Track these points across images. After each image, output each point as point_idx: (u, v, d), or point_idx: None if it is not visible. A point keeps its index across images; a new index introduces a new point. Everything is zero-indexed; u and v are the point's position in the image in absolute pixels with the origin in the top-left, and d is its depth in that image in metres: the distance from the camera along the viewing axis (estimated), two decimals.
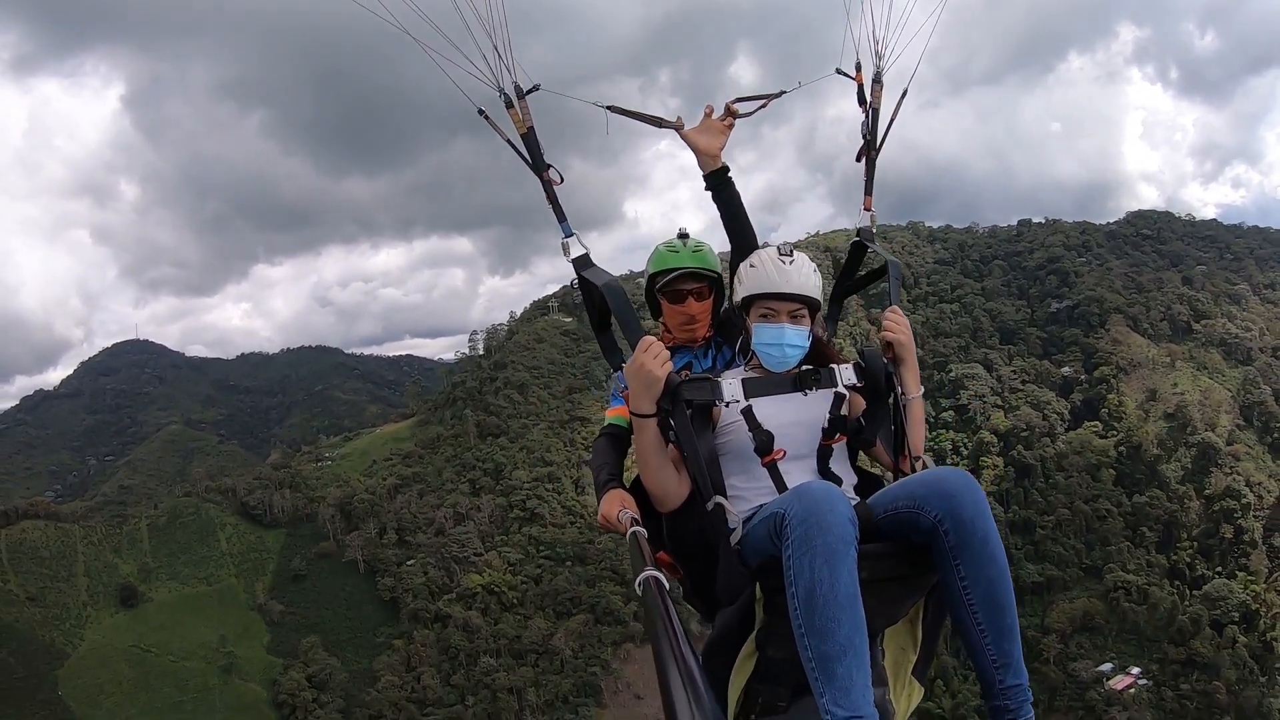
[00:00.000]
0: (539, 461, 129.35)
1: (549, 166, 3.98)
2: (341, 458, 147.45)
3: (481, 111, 3.93)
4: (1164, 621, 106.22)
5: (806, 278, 3.76)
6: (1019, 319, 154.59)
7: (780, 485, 3.55)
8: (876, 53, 4.39)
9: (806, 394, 3.72)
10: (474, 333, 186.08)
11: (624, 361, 3.82)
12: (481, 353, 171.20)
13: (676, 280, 4.28)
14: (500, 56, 3.77)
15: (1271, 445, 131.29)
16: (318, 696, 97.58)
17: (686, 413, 3.53)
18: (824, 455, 3.67)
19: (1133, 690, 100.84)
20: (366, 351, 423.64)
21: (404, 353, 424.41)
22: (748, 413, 3.64)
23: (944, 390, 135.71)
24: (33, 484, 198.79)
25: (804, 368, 3.78)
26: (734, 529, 3.37)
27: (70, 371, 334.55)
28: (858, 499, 3.44)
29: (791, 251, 3.81)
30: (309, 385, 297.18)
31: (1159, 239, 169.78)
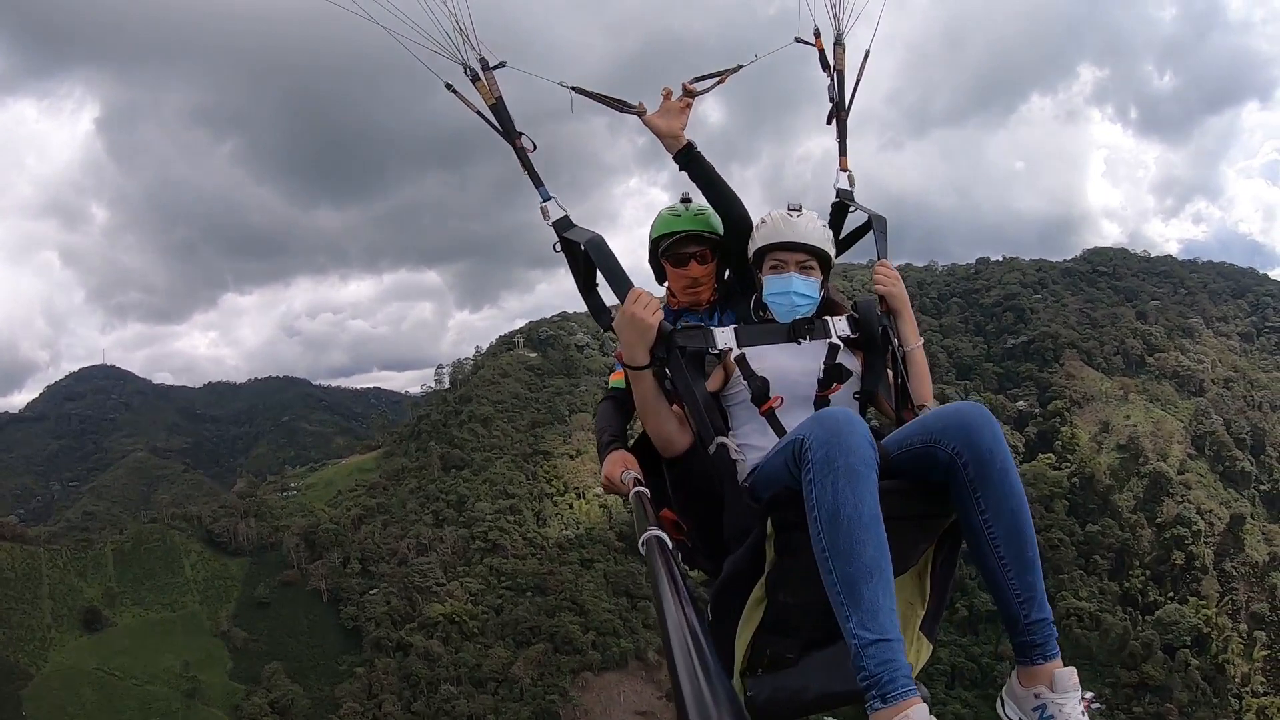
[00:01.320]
0: (501, 494, 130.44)
1: (521, 134, 4.04)
2: (307, 488, 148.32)
3: (449, 86, 4.02)
4: (1116, 646, 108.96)
5: (814, 229, 3.91)
6: (975, 355, 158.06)
7: (778, 428, 3.61)
8: (834, 15, 4.50)
9: (800, 343, 3.79)
10: (440, 366, 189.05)
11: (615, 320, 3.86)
12: (447, 386, 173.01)
13: (679, 243, 4.41)
14: (463, 33, 3.85)
15: (1223, 474, 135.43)
16: None
17: (681, 360, 3.60)
18: (821, 405, 3.69)
19: (1086, 714, 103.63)
20: (334, 383, 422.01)
21: (372, 385, 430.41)
22: (741, 360, 3.72)
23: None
24: None
25: (797, 319, 3.87)
26: (740, 462, 3.40)
27: (35, 395, 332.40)
28: None
29: (799, 207, 3.96)
30: (276, 415, 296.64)
31: (1115, 275, 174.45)
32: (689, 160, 4.39)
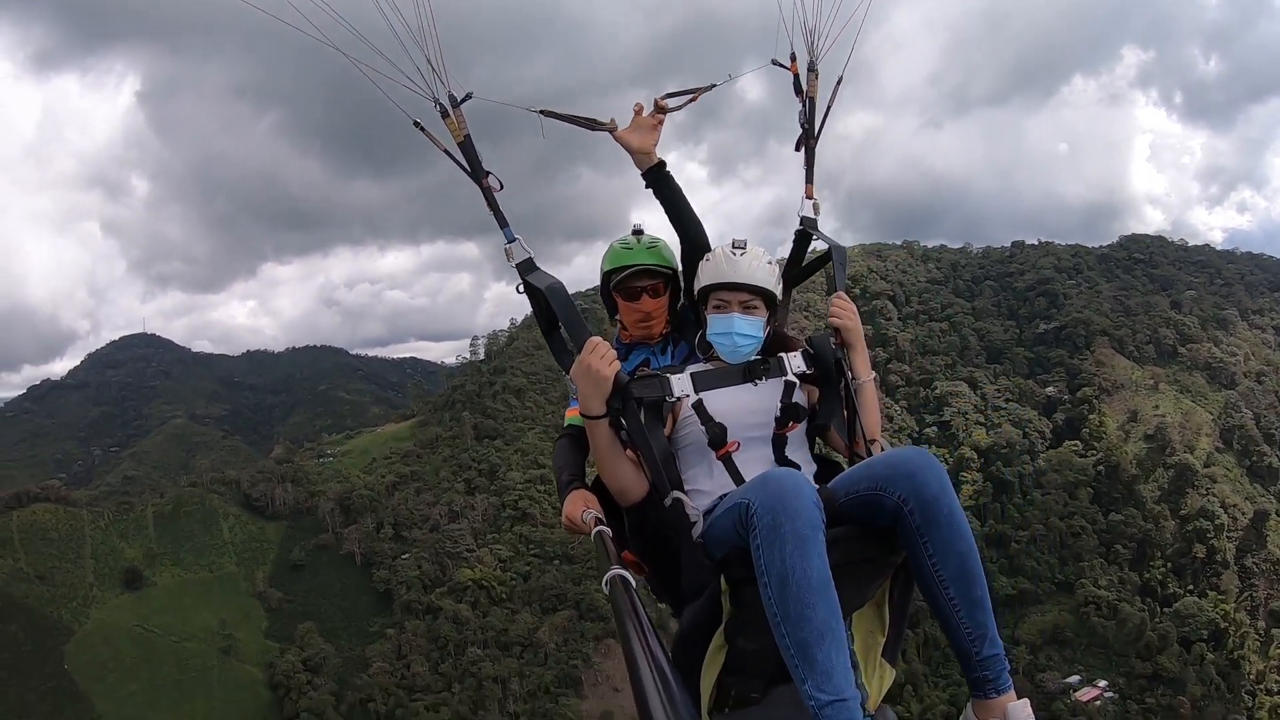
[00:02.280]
0: (532, 464, 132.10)
1: (488, 174, 3.99)
2: (342, 455, 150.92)
3: (417, 123, 3.93)
4: (1132, 637, 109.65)
5: (757, 268, 3.84)
6: (1007, 339, 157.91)
7: (737, 477, 3.59)
8: (810, 41, 4.46)
9: (757, 384, 3.78)
10: (475, 338, 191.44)
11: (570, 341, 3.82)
12: (482, 358, 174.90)
13: (630, 277, 4.34)
14: (433, 67, 3.77)
15: (1250, 469, 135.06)
16: (311, 679, 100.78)
17: (638, 411, 3.57)
18: (779, 444, 3.72)
19: (1099, 702, 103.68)
20: (371, 353, 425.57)
21: (408, 355, 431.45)
22: (699, 406, 3.70)
23: (928, 406, 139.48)
24: (37, 472, 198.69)
25: (752, 359, 3.85)
26: (695, 523, 3.41)
27: (77, 363, 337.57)
28: (817, 486, 3.40)
29: (744, 244, 3.90)
30: (313, 384, 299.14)
31: (1151, 263, 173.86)
32: (658, 179, 4.49)
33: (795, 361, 3.86)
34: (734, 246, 3.91)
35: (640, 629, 2.50)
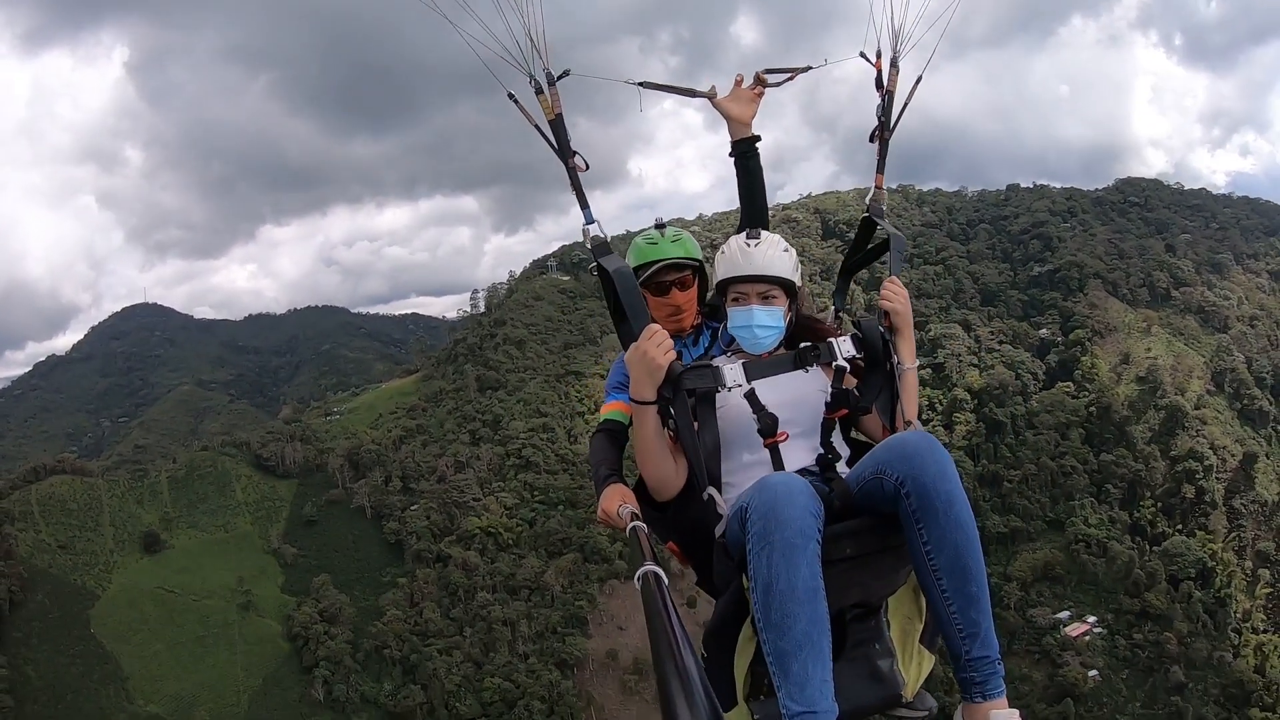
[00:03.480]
0: (535, 413, 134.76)
1: (575, 154, 3.95)
2: (349, 412, 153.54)
3: (512, 96, 3.94)
4: (1121, 574, 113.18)
5: (772, 258, 3.84)
6: (1001, 282, 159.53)
7: (779, 466, 3.61)
8: (894, 38, 4.42)
9: (808, 370, 3.78)
10: (475, 291, 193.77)
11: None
12: (482, 310, 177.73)
13: (658, 273, 4.34)
14: (533, 42, 3.76)
15: (1241, 412, 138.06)
16: (328, 629, 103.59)
17: (688, 401, 3.57)
18: (827, 428, 3.70)
19: (1087, 637, 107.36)
20: (373, 310, 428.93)
21: (410, 311, 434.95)
22: (751, 396, 3.69)
23: (922, 349, 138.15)
24: (49, 446, 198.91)
25: (803, 345, 3.83)
26: (722, 520, 3.40)
27: (81, 336, 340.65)
28: (832, 476, 3.56)
29: (759, 234, 3.91)
30: (316, 344, 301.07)
31: (1146, 206, 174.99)
32: (747, 153, 4.54)
33: (845, 346, 3.83)
34: (748, 237, 3.91)
35: (670, 628, 2.49)
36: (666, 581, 2.85)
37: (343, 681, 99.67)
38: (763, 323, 3.83)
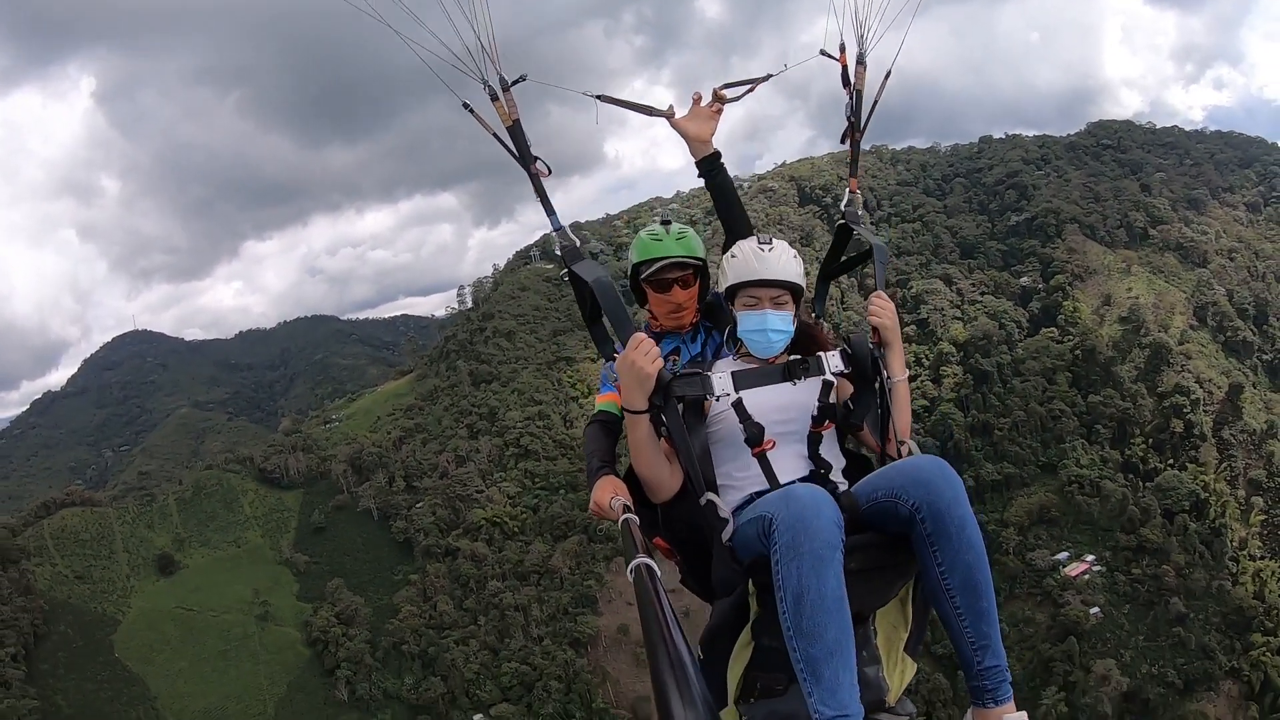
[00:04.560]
0: (529, 402, 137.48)
1: (536, 159, 4.02)
2: (348, 418, 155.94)
3: (466, 105, 3.97)
4: (1116, 512, 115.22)
5: (786, 264, 3.92)
6: (979, 234, 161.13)
7: (769, 474, 3.72)
8: (859, 34, 4.48)
9: (795, 383, 3.85)
10: (461, 287, 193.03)
11: (616, 352, 3.96)
12: (470, 305, 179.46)
13: (661, 269, 4.38)
14: (484, 48, 3.78)
15: (1225, 344, 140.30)
16: (346, 631, 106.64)
17: (678, 408, 3.66)
18: (814, 441, 3.81)
19: (1087, 576, 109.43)
20: (362, 316, 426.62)
21: (399, 313, 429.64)
22: (738, 405, 3.78)
23: (905, 306, 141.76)
24: (54, 483, 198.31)
25: (792, 357, 3.92)
26: (726, 525, 3.53)
27: (74, 370, 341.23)
28: (846, 484, 3.72)
29: (771, 240, 3.97)
30: (309, 355, 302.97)
31: (1119, 148, 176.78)
32: (713, 170, 4.62)
33: (833, 361, 3.91)
34: (760, 242, 3.98)
35: (663, 619, 2.51)
36: (660, 574, 2.90)
37: (365, 680, 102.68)
38: (776, 327, 3.91)
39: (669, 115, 4.58)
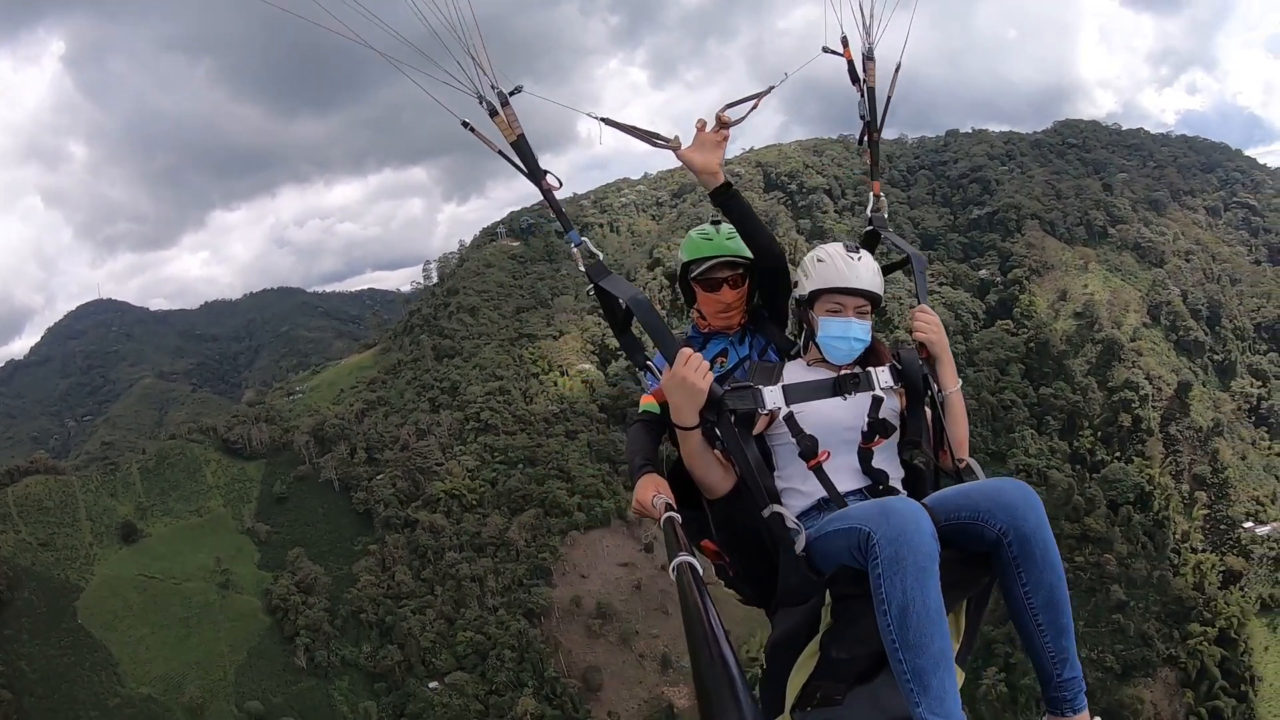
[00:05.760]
0: (491, 377, 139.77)
1: (546, 173, 3.95)
2: (311, 390, 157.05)
3: (466, 124, 3.89)
4: (1061, 501, 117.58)
5: (874, 274, 4.01)
6: (941, 225, 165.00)
7: (827, 484, 3.79)
8: (864, 26, 4.43)
9: (846, 398, 3.91)
10: (427, 262, 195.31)
11: (648, 359, 4.06)
12: (435, 281, 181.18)
13: (712, 269, 4.43)
14: (477, 62, 3.73)
15: (1177, 343, 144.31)
16: (306, 600, 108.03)
17: (731, 422, 3.69)
18: (865, 456, 3.88)
19: None
20: (329, 289, 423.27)
21: (366, 287, 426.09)
22: (789, 419, 3.86)
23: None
24: (16, 452, 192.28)
25: (843, 371, 3.99)
26: (796, 537, 3.53)
27: (38, 338, 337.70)
28: (905, 494, 3.82)
29: (858, 248, 4.05)
30: (274, 327, 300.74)
31: (1084, 147, 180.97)
32: (727, 199, 4.40)
33: (883, 376, 3.96)
34: (849, 250, 4.02)
35: (706, 619, 2.46)
36: (701, 572, 2.90)
37: (323, 648, 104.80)
38: (858, 335, 3.98)
39: (675, 147, 4.36)
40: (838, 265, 3.97)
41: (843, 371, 4.00)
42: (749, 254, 4.47)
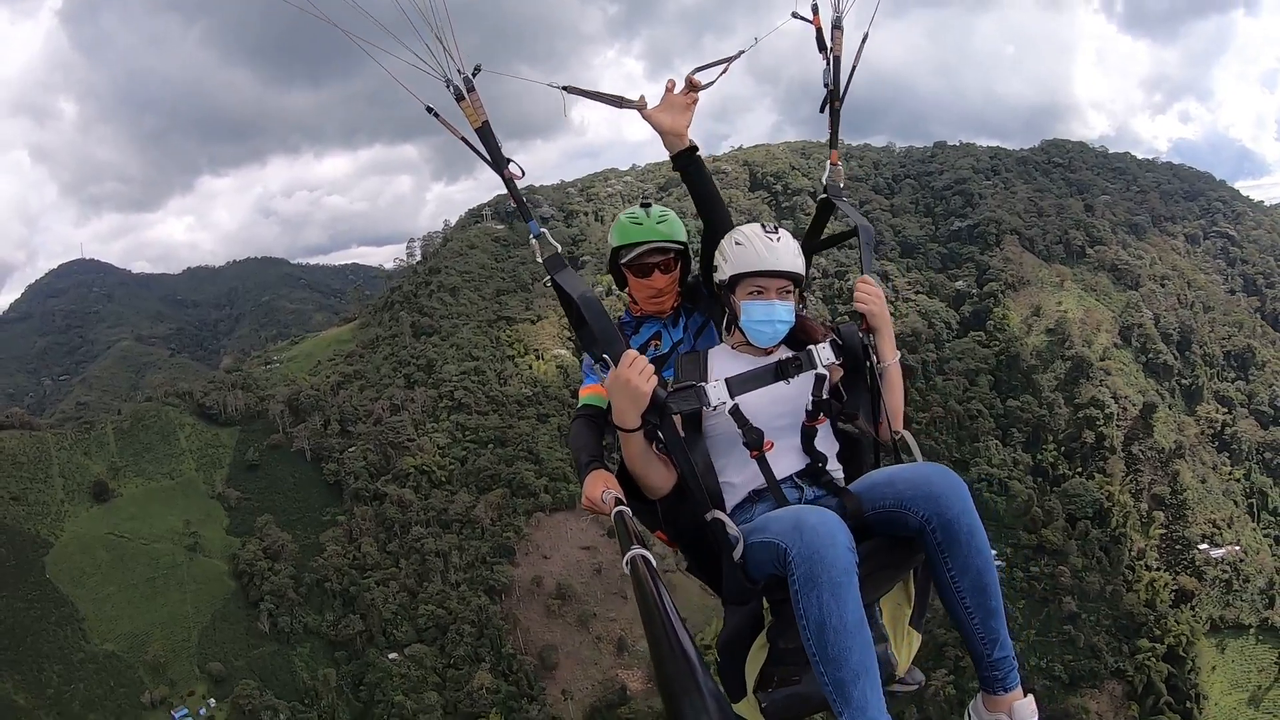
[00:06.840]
0: (467, 357, 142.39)
1: (509, 161, 3.89)
2: (289, 360, 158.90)
3: (430, 109, 3.83)
4: (1020, 511, 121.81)
5: (794, 255, 3.97)
6: (921, 235, 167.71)
7: (767, 473, 3.85)
8: None
9: (789, 381, 3.90)
10: (411, 240, 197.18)
11: (604, 353, 3.81)
12: (419, 259, 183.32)
13: (642, 254, 4.41)
14: (443, 44, 3.65)
15: (1146, 365, 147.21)
16: (272, 566, 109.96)
17: (675, 424, 3.69)
18: (808, 435, 3.91)
19: None
20: (313, 261, 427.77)
21: (350, 261, 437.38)
22: (735, 411, 3.84)
23: (841, 297, 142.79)
24: None
25: (784, 356, 3.97)
26: (735, 544, 3.54)
27: (17, 295, 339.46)
28: (841, 470, 3.96)
29: (776, 229, 3.99)
30: (256, 296, 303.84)
31: (1069, 167, 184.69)
32: (689, 163, 4.45)
33: (824, 353, 3.96)
34: (767, 230, 3.99)
35: (662, 610, 2.53)
36: (655, 564, 2.93)
37: (287, 614, 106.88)
38: (783, 318, 3.98)
39: (640, 106, 4.38)
40: (757, 248, 3.96)
41: (782, 355, 4.02)
42: (680, 238, 4.51)
